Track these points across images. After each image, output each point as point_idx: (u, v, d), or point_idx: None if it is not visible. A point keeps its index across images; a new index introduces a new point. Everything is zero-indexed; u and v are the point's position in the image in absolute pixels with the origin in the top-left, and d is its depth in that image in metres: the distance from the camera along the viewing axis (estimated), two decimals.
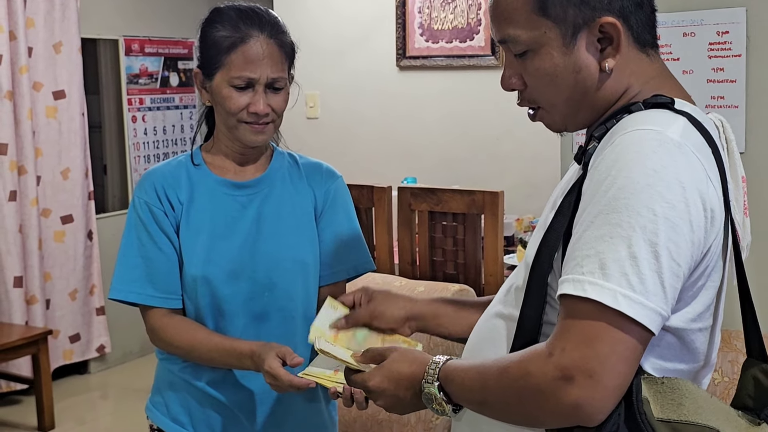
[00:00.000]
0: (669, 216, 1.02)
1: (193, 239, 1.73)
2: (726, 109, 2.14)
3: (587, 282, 1.02)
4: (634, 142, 1.07)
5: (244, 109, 1.68)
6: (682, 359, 1.14)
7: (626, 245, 1.02)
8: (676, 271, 1.03)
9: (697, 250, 1.06)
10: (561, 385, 1.01)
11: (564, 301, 1.05)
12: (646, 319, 1.01)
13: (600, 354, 1.01)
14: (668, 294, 1.03)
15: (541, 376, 1.03)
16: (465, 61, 4.54)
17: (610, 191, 1.04)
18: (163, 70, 5.30)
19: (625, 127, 1.10)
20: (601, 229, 1.04)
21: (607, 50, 1.16)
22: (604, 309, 1.01)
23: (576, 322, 1.03)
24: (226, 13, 1.70)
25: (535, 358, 1.05)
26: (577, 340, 1.02)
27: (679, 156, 1.06)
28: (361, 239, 1.87)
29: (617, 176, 1.05)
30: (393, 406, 1.26)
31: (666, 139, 1.06)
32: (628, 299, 1.01)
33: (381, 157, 4.84)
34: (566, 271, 1.06)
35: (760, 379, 1.16)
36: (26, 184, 4.42)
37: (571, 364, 1.01)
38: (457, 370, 1.16)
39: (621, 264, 1.01)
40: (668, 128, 1.08)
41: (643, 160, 1.04)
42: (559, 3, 1.15)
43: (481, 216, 3.25)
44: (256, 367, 1.62)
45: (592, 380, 1.00)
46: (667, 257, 1.02)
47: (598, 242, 1.03)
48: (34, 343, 3.96)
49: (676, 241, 1.03)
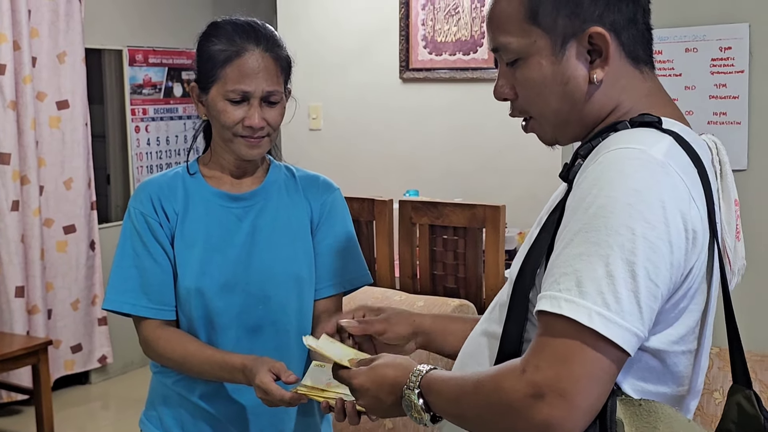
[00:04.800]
0: (648, 236, 1.01)
1: (188, 251, 1.73)
2: (728, 126, 2.13)
3: (563, 299, 1.02)
4: (617, 161, 1.06)
5: (239, 123, 1.68)
6: (664, 382, 1.13)
7: (603, 264, 1.01)
8: (654, 291, 1.02)
9: (677, 271, 1.05)
10: (532, 403, 1.00)
11: (541, 317, 1.05)
12: (620, 339, 1.00)
13: (573, 373, 1.00)
14: (645, 314, 1.02)
15: (512, 393, 1.02)
16: (468, 74, 4.54)
17: (591, 209, 1.04)
18: (167, 81, 5.31)
19: (610, 145, 1.10)
20: (579, 247, 1.03)
21: (597, 62, 1.16)
22: (579, 327, 1.00)
23: (550, 340, 1.02)
24: (222, 27, 1.70)
25: (509, 374, 1.04)
26: (550, 358, 1.01)
27: (662, 176, 1.05)
28: (359, 252, 1.86)
29: (598, 194, 1.04)
30: (373, 407, 1.26)
31: (649, 158, 1.06)
32: (602, 318, 1.00)
33: (383, 169, 4.83)
34: (545, 287, 1.06)
35: (743, 405, 1.14)
36: (29, 193, 4.42)
37: (543, 382, 1.00)
38: (438, 381, 1.16)
39: (597, 282, 1.01)
40: (652, 147, 1.07)
41: (625, 179, 1.04)
42: (549, 12, 1.15)
43: (482, 230, 3.24)
44: (248, 381, 1.61)
45: (563, 399, 0.99)
46: (644, 277, 1.01)
47: (576, 260, 1.03)
48: (35, 354, 3.95)
49: (655, 261, 1.02)
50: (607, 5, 1.15)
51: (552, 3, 1.15)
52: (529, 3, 1.16)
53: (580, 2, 1.15)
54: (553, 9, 1.15)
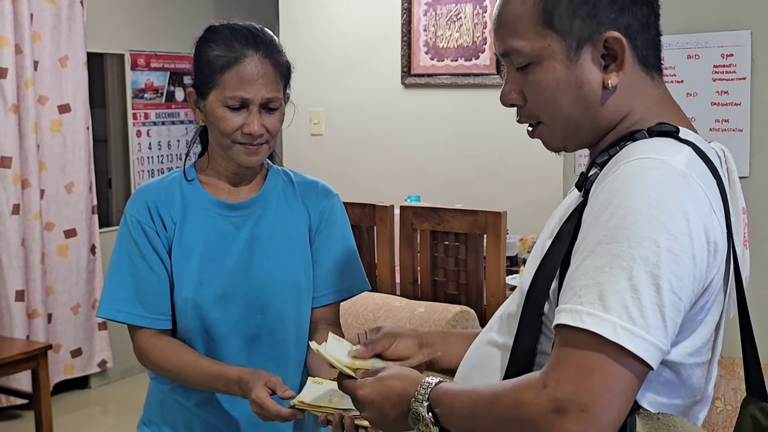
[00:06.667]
0: (672, 248, 0.99)
1: (185, 261, 1.70)
2: (730, 133, 2.12)
3: (585, 313, 0.99)
4: (638, 171, 1.04)
5: (237, 130, 1.65)
6: (678, 394, 1.11)
7: (627, 277, 0.99)
8: (677, 304, 1.00)
9: (698, 283, 1.03)
10: (554, 418, 0.98)
11: (560, 331, 1.02)
12: (645, 353, 0.98)
13: (595, 388, 0.98)
14: (669, 328, 1.00)
15: (534, 408, 1.00)
16: (470, 80, 4.53)
17: (612, 220, 1.01)
18: (169, 85, 5.31)
19: (629, 155, 1.07)
20: (601, 259, 1.01)
21: (611, 66, 1.14)
22: (603, 341, 0.98)
23: (572, 354, 1.00)
24: (220, 31, 1.67)
25: (529, 389, 1.02)
26: (572, 373, 0.99)
27: (684, 187, 1.03)
28: (357, 259, 1.84)
29: (619, 205, 1.02)
30: (377, 420, 1.23)
31: (670, 169, 1.03)
32: (628, 332, 0.98)
33: (385, 174, 4.82)
34: (563, 300, 1.03)
35: (758, 418, 1.13)
36: (30, 197, 4.41)
37: (566, 397, 0.98)
38: (448, 393, 1.14)
39: (621, 296, 0.98)
40: (673, 158, 1.05)
41: (646, 190, 1.01)
42: (565, 15, 1.12)
43: (483, 236, 3.23)
44: (243, 394, 1.59)
45: (586, 414, 0.97)
46: (668, 290, 0.99)
47: (597, 272, 1.00)
48: (34, 358, 3.94)
49: (678, 274, 1.00)
50: (622, 9, 1.13)
51: (568, 5, 1.12)
52: (543, 5, 1.13)
53: (596, 5, 1.12)
54: (568, 12, 1.12)
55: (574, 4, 1.12)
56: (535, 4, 1.14)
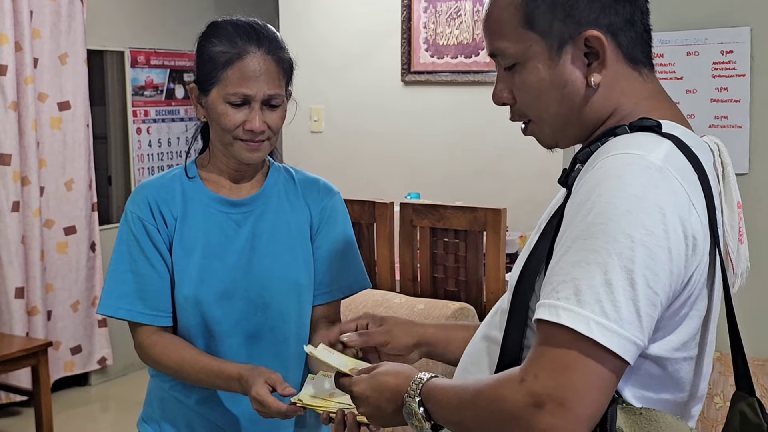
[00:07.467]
0: (647, 243, 1.00)
1: (186, 258, 1.70)
2: (730, 129, 2.12)
3: (561, 308, 1.01)
4: (616, 167, 1.05)
5: (239, 126, 1.65)
6: (666, 389, 1.12)
7: (602, 271, 1.00)
8: (653, 299, 1.01)
9: (676, 278, 1.04)
10: (532, 412, 1.00)
11: (540, 326, 1.04)
12: (619, 348, 0.99)
13: (572, 383, 0.99)
14: (644, 322, 1.01)
15: (513, 402, 1.02)
16: (470, 77, 4.53)
17: (589, 216, 1.03)
18: (169, 82, 5.31)
19: (608, 150, 1.09)
20: (578, 254, 1.02)
21: (594, 65, 1.16)
22: (578, 336, 0.99)
23: (549, 349, 1.01)
24: (223, 27, 1.67)
25: (508, 383, 1.04)
26: (549, 367, 1.00)
27: (661, 181, 1.04)
28: (357, 257, 1.84)
29: (597, 201, 1.03)
30: (374, 415, 1.26)
31: (648, 164, 1.05)
32: (601, 327, 0.99)
33: (384, 171, 4.83)
34: (543, 295, 1.05)
35: (746, 413, 1.13)
36: (29, 194, 4.42)
37: (543, 392, 0.99)
38: (438, 388, 1.16)
39: (596, 291, 0.99)
40: (651, 152, 1.06)
41: (624, 186, 1.03)
42: (544, 17, 1.15)
43: (483, 233, 3.23)
44: (244, 391, 1.59)
45: (563, 408, 0.98)
46: (643, 285, 1.00)
47: (574, 268, 1.02)
48: (34, 355, 3.95)
49: (654, 268, 1.01)
50: (603, 8, 1.15)
51: (547, 7, 1.15)
52: (524, 8, 1.16)
53: (575, 6, 1.14)
54: (548, 13, 1.15)
55: (554, 6, 1.15)
56: (517, 6, 1.16)
